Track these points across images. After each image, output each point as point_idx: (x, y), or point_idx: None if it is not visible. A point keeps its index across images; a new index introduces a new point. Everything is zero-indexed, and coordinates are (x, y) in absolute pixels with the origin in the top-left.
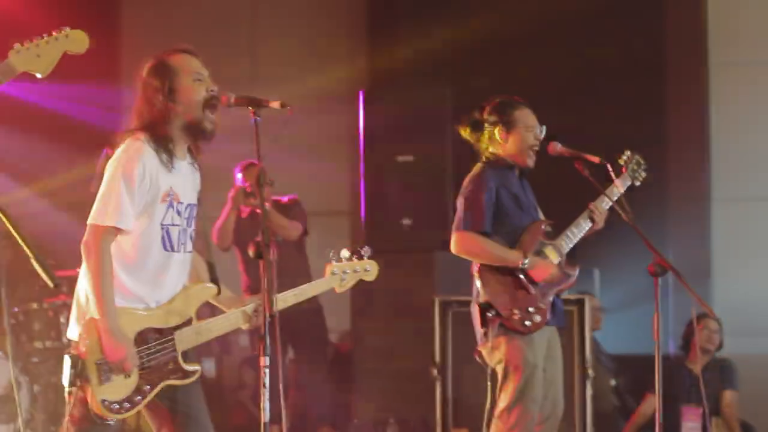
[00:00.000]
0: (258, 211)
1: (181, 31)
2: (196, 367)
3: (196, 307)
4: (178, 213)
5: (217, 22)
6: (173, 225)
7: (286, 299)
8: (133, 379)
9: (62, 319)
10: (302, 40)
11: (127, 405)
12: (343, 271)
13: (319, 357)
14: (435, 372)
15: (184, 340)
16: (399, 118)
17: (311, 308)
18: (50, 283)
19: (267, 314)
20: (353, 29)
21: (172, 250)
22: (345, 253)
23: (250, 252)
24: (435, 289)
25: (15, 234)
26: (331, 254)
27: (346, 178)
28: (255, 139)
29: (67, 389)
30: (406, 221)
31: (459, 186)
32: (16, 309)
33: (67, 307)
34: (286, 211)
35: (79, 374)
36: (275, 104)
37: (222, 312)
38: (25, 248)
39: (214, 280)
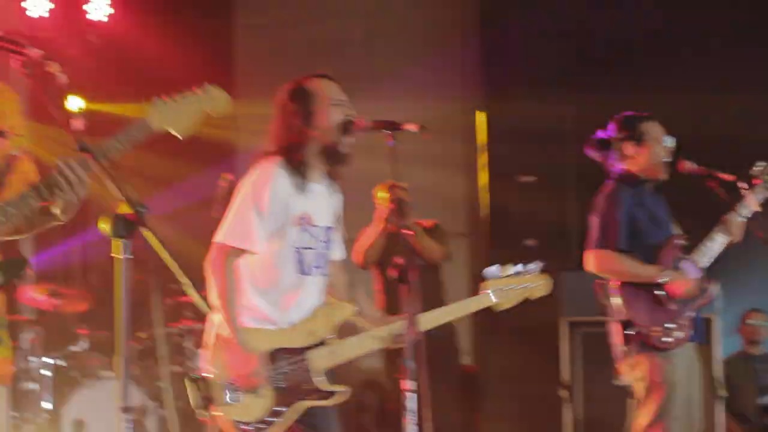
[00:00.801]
0: (402, 231)
1: (294, 58)
2: (336, 389)
3: (331, 327)
4: (313, 236)
5: (331, 49)
6: (308, 248)
7: (437, 318)
8: (266, 400)
9: (188, 344)
10: (417, 61)
11: (261, 426)
12: (500, 288)
13: (449, 379)
14: (564, 393)
15: (319, 360)
16: (521, 138)
17: (445, 330)
18: (205, 309)
19: (412, 337)
20: (467, 49)
21: (306, 273)
22: (502, 270)
23: (392, 274)
24: (561, 309)
25: (166, 259)
26: (486, 271)
27: (464, 198)
28: (392, 161)
29: (199, 413)
30: (530, 242)
31: (582, 205)
32: (142, 334)
33: (193, 332)
34: (430, 235)
35: (206, 396)
36: (412, 127)
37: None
38: (178, 275)
39: (353, 299)
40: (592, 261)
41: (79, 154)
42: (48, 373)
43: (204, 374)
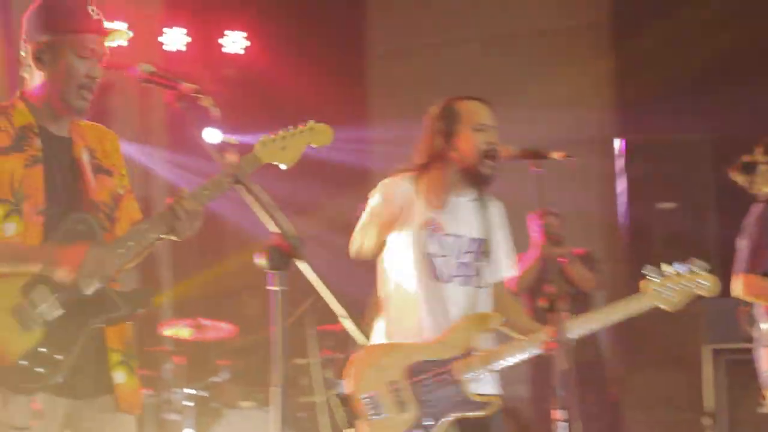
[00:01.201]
0: (556, 259)
1: (427, 83)
2: (491, 399)
3: (476, 337)
4: (443, 244)
5: (463, 72)
6: (439, 255)
7: (595, 318)
8: (411, 414)
9: (328, 374)
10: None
11: None
12: (665, 286)
13: (593, 408)
14: (708, 421)
15: (466, 371)
16: (658, 159)
17: (591, 358)
18: (361, 340)
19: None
20: (601, 67)
21: (440, 279)
22: (667, 268)
23: (542, 303)
24: (704, 337)
25: (322, 290)
26: (647, 270)
27: (602, 223)
28: (538, 190)
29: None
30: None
31: (723, 231)
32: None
33: (332, 362)
34: (582, 263)
35: (351, 413)
36: (558, 155)
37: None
38: (334, 306)
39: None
40: (740, 286)
41: (197, 189)
42: (190, 404)
43: (347, 391)
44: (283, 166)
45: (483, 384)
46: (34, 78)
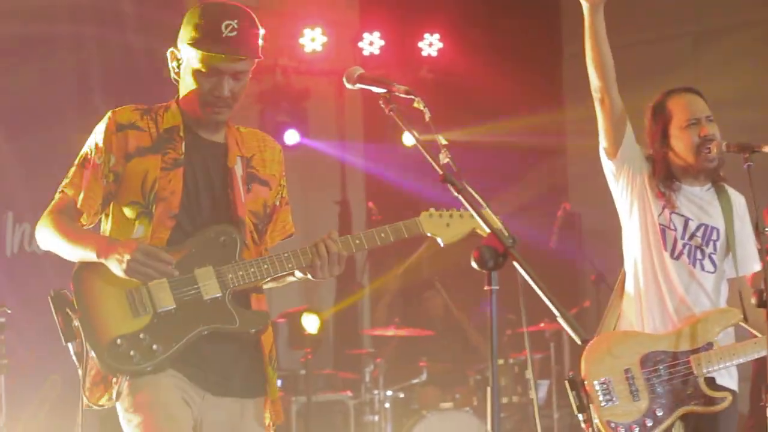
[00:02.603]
0: None
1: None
2: (720, 395)
3: (717, 332)
4: (674, 221)
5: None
6: (670, 228)
7: None
8: (643, 403)
9: (528, 375)
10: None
11: (636, 428)
12: None
13: None
14: None
15: (705, 365)
16: None
17: None
18: (578, 340)
19: None
20: None
21: (671, 254)
22: None
23: (754, 299)
24: None
25: (538, 289)
26: None
27: None
28: (750, 183)
29: (581, 418)
30: None
31: None
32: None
33: (532, 363)
34: None
35: (585, 398)
36: None
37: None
38: (552, 305)
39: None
40: None
41: (350, 236)
42: (388, 405)
43: (580, 376)
44: (440, 242)
45: (720, 377)
46: (185, 83)
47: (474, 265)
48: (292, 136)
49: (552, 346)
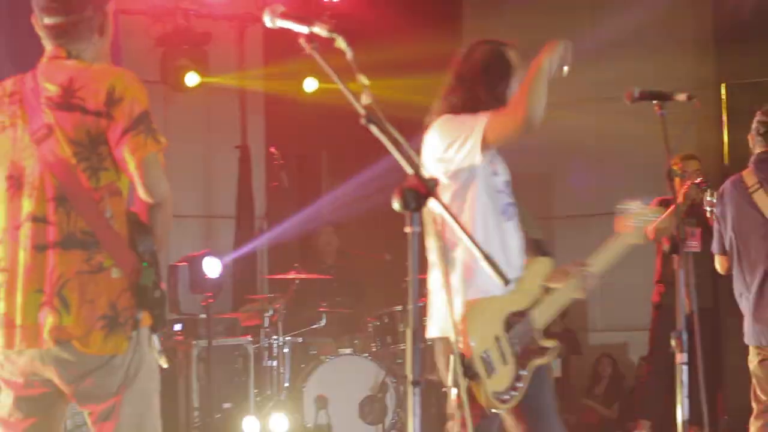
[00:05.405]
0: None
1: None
2: (553, 343)
3: (541, 283)
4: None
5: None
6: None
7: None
8: (511, 366)
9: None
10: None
11: (512, 393)
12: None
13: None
14: None
15: (538, 318)
16: None
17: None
18: (502, 283)
19: (688, 310)
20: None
21: (505, 217)
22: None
23: (665, 246)
24: None
25: (453, 221)
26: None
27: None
28: (663, 133)
29: (452, 390)
30: None
31: None
32: (382, 312)
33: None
34: None
35: (465, 373)
36: (681, 97)
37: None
38: (472, 246)
39: (545, 253)
40: None
41: None
42: (287, 350)
43: (467, 350)
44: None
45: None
46: None
47: (396, 206)
48: (192, 79)
49: None
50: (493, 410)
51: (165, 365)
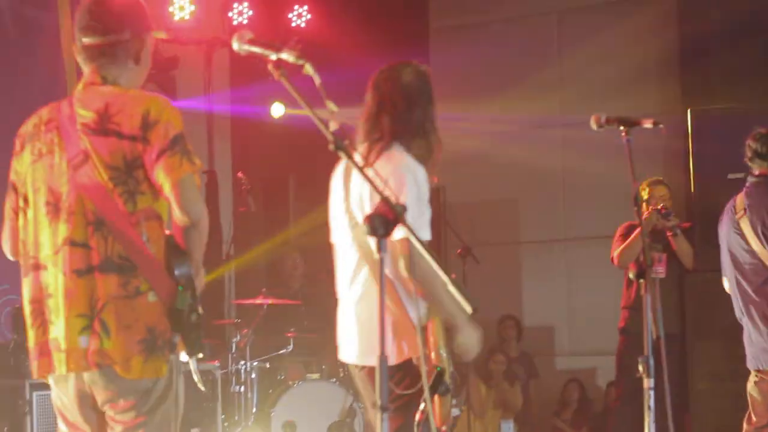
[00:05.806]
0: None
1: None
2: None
3: None
4: None
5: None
6: None
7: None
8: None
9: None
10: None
11: (455, 411)
12: None
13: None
14: None
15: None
16: (727, 135)
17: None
18: (468, 309)
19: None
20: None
21: None
22: None
23: (631, 272)
24: None
25: (428, 258)
26: None
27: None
28: (629, 158)
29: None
30: None
31: None
32: None
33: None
34: (687, 238)
35: (435, 387)
36: (647, 123)
37: None
38: (440, 271)
39: None
40: None
41: None
42: (254, 376)
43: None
44: None
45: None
46: None
47: (365, 231)
48: None
49: None
50: (444, 428)
51: (203, 388)
